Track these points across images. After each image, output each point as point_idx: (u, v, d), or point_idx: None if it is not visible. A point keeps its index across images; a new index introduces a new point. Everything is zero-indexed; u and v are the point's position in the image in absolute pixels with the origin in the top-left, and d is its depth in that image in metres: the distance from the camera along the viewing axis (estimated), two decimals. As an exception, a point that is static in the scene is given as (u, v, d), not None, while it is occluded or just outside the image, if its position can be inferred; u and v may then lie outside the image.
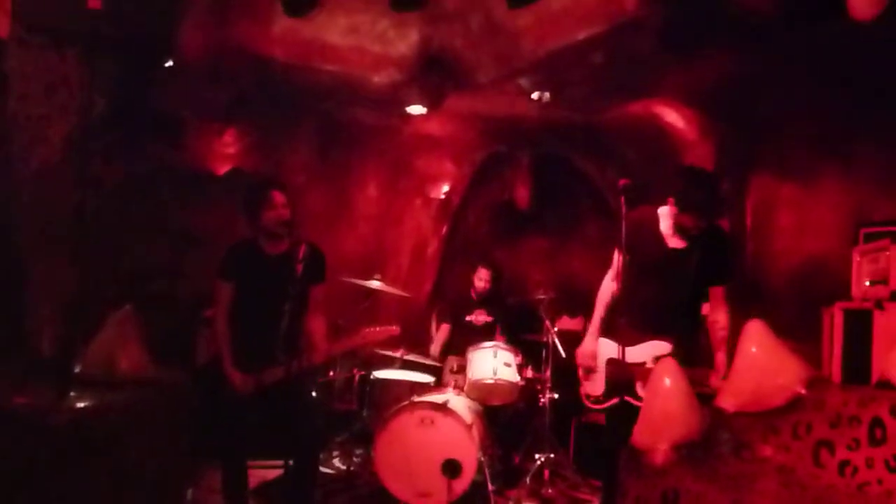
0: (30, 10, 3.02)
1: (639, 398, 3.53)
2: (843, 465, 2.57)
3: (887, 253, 4.07)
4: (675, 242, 3.81)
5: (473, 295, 6.36)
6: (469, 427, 4.60)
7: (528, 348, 5.76)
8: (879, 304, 3.93)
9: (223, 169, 5.99)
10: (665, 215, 3.84)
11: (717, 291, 3.84)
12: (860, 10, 2.79)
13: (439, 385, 5.61)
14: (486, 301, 6.33)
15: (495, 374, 5.26)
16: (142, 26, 3.30)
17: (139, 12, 3.22)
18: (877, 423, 2.49)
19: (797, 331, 4.98)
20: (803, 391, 2.80)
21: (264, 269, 3.98)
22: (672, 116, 5.70)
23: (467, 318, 6.30)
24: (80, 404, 3.07)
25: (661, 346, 3.72)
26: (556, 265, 7.17)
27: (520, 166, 7.12)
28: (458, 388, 5.35)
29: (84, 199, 3.53)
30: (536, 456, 5.34)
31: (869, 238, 4.46)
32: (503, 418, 5.64)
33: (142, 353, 3.57)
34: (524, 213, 7.27)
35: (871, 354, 3.56)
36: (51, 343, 3.46)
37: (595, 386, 4.01)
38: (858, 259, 4.41)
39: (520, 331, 6.22)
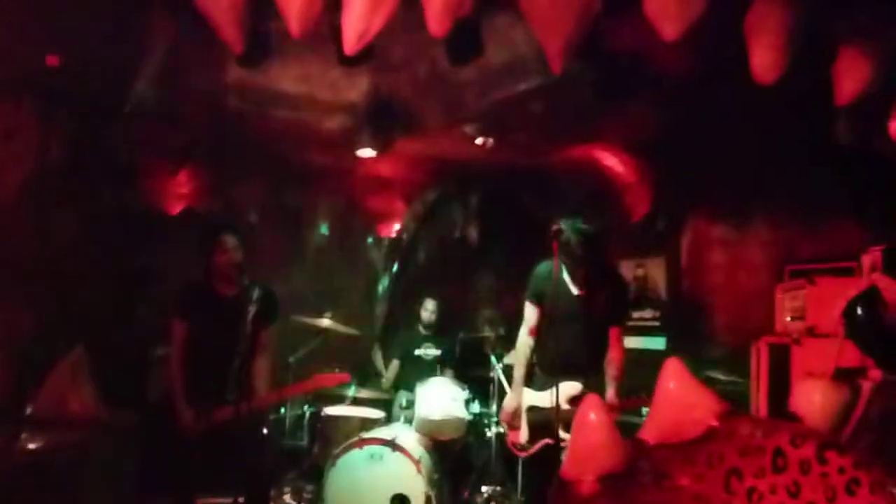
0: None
1: (559, 440, 3.74)
2: (751, 491, 2.78)
3: (805, 291, 4.40)
4: (576, 289, 4.09)
5: (422, 329, 6.53)
6: (417, 462, 4.70)
7: (476, 383, 5.92)
8: (797, 340, 4.24)
9: (176, 209, 6.11)
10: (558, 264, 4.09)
11: (613, 332, 4.13)
12: (761, 75, 3.08)
13: (389, 420, 5.73)
14: (436, 335, 6.50)
15: (443, 409, 5.39)
16: (97, 78, 3.43)
17: (95, 66, 3.35)
18: (778, 452, 2.71)
19: (729, 364, 5.29)
20: (716, 423, 3.02)
21: (217, 310, 4.10)
22: (611, 161, 6.01)
23: (416, 353, 6.46)
24: (32, 445, 3.14)
25: (573, 387, 3.98)
26: (505, 302, 7.36)
27: (469, 206, 7.34)
28: (408, 422, 5.48)
29: (38, 243, 3.62)
30: (484, 489, 5.47)
31: (794, 275, 4.79)
32: (452, 452, 5.75)
33: (92, 395, 3.65)
34: (473, 252, 7.48)
35: (789, 387, 3.84)
36: (3, 385, 3.52)
37: (518, 435, 4.26)
38: (780, 296, 4.74)
39: (468, 366, 6.39)
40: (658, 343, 6.16)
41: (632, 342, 6.28)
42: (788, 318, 4.59)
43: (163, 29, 3.60)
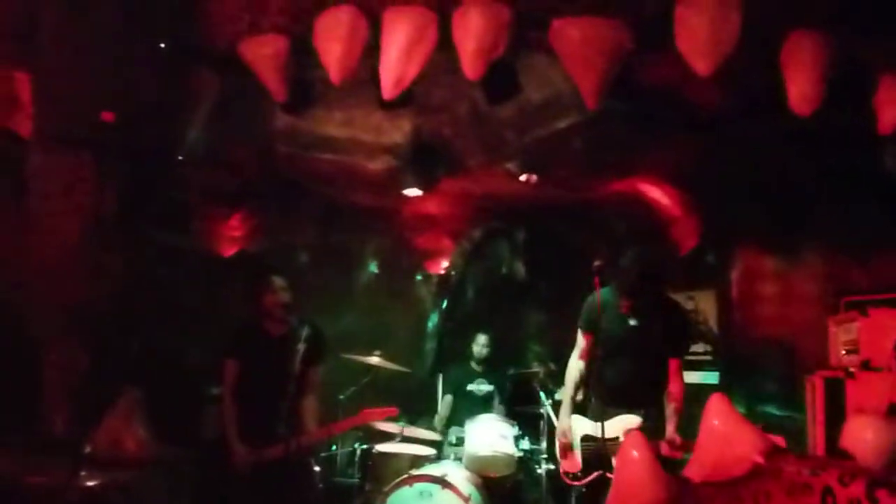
0: (49, 118, 3.38)
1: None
2: (800, 530, 2.73)
3: (857, 324, 4.29)
4: (633, 320, 4.05)
5: (474, 364, 6.55)
6: (467, 499, 4.70)
7: (526, 419, 5.90)
8: (850, 374, 4.13)
9: (230, 251, 6.30)
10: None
11: (672, 364, 4.09)
12: (799, 107, 3.06)
13: (440, 457, 5.74)
14: (487, 371, 6.52)
15: (493, 446, 5.38)
16: (150, 129, 3.61)
17: (148, 118, 3.54)
18: (828, 491, 2.65)
19: (784, 399, 5.17)
20: (762, 461, 2.96)
21: (267, 349, 4.23)
22: (656, 193, 5.98)
23: (469, 388, 6.47)
24: (90, 483, 3.27)
25: (631, 420, 3.95)
26: (554, 337, 7.34)
27: (515, 242, 7.38)
28: (458, 459, 5.48)
29: (94, 288, 3.79)
30: (534, 527, 5.42)
31: (847, 307, 4.68)
32: (502, 489, 5.72)
33: (147, 435, 3.79)
34: (521, 287, 7.50)
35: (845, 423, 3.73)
36: (63, 424, 3.68)
37: (573, 463, 4.23)
38: (834, 329, 4.63)
39: (518, 401, 6.37)
40: (711, 378, 6.05)
41: (685, 377, 6.20)
42: (843, 352, 4.48)
43: (210, 80, 3.77)
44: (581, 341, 4.31)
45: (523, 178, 5.58)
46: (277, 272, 4.31)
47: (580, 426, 4.25)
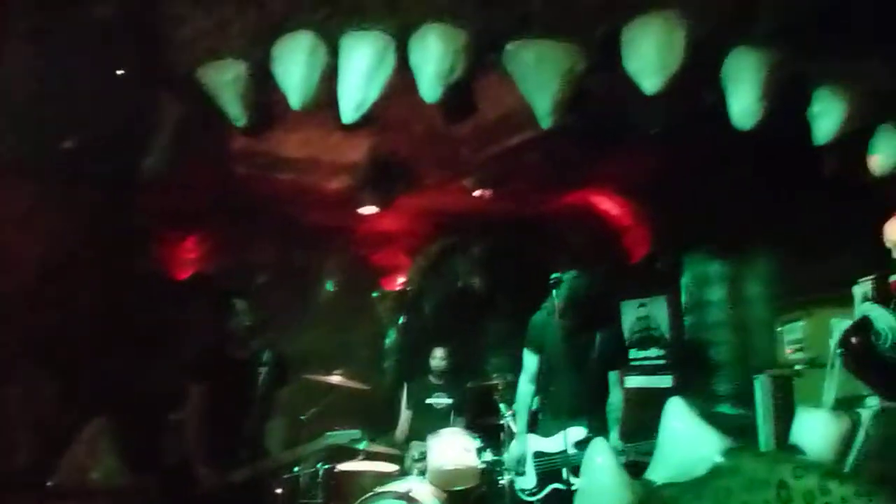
0: (9, 145, 3.35)
1: (567, 484, 3.80)
2: (759, 524, 2.86)
3: (803, 323, 4.50)
4: (573, 337, 4.25)
5: (433, 378, 6.58)
6: (433, 513, 4.76)
7: (487, 431, 5.96)
8: (797, 372, 4.33)
9: (185, 274, 6.26)
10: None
11: (612, 377, 4.29)
12: (740, 122, 3.23)
13: (403, 473, 5.76)
14: (446, 385, 6.55)
15: (455, 460, 5.43)
16: (112, 157, 3.60)
17: (110, 146, 3.53)
18: (782, 484, 2.79)
19: (736, 398, 5.36)
20: (721, 459, 3.10)
21: (230, 374, 4.23)
22: (608, 205, 6.16)
23: (428, 402, 6.51)
24: (55, 515, 3.23)
25: (578, 432, 4.10)
26: (512, 349, 7.43)
27: (471, 256, 7.48)
28: (421, 474, 5.52)
29: (58, 315, 3.75)
30: (499, 537, 5.48)
31: (792, 308, 4.89)
32: (466, 502, 5.77)
33: (114, 463, 3.75)
34: (478, 301, 7.59)
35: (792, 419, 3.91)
36: (26, 455, 3.62)
37: (526, 481, 4.39)
38: (780, 329, 4.83)
39: (478, 414, 6.43)
40: (664, 381, 6.23)
41: (638, 381, 6.38)
42: (789, 351, 4.68)
43: (169, 105, 3.77)
44: (530, 363, 4.48)
45: (478, 193, 5.70)
46: (238, 295, 4.28)
47: (532, 444, 4.42)
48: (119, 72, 3.30)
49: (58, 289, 3.67)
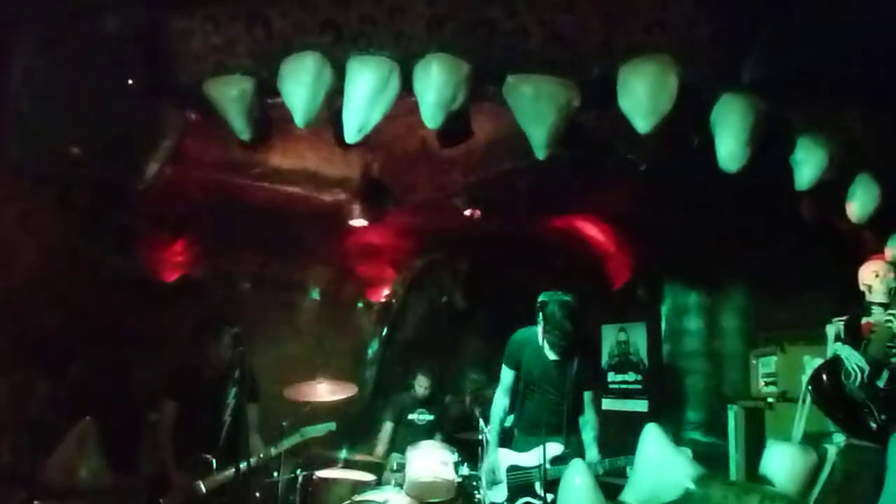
0: (16, 152, 3.41)
1: (540, 498, 3.91)
2: (726, 551, 2.98)
3: (776, 358, 4.65)
4: (552, 355, 4.33)
5: (415, 396, 6.66)
6: (408, 525, 4.82)
7: (465, 446, 6.05)
8: (768, 404, 4.47)
9: (172, 276, 6.29)
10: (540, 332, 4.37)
11: (587, 396, 4.40)
12: (727, 164, 3.37)
13: (380, 483, 5.82)
14: (428, 400, 6.63)
15: (433, 472, 5.50)
16: (114, 165, 3.66)
17: (113, 154, 3.59)
18: (750, 513, 2.92)
19: (708, 426, 5.49)
20: (693, 486, 3.21)
21: (204, 390, 4.36)
22: (593, 231, 6.30)
23: (409, 417, 6.58)
24: (41, 513, 3.27)
25: (554, 448, 4.19)
26: (493, 366, 7.52)
27: (456, 273, 7.58)
28: (399, 485, 5.59)
29: (49, 316, 3.80)
30: (472, 551, 5.55)
31: (767, 342, 5.05)
32: (441, 514, 5.84)
33: (100, 463, 3.80)
34: (460, 317, 7.69)
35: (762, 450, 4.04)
36: (15, 454, 3.66)
37: (498, 493, 4.47)
38: (754, 362, 4.98)
39: (458, 428, 6.51)
40: (640, 406, 6.36)
41: (615, 405, 6.52)
42: (762, 383, 4.83)
43: (173, 116, 3.84)
44: (506, 378, 4.56)
45: (467, 212, 5.80)
46: (228, 325, 4.32)
47: (505, 458, 4.51)
48: (124, 82, 3.35)
49: (50, 290, 3.71)
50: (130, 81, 3.37)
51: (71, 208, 3.70)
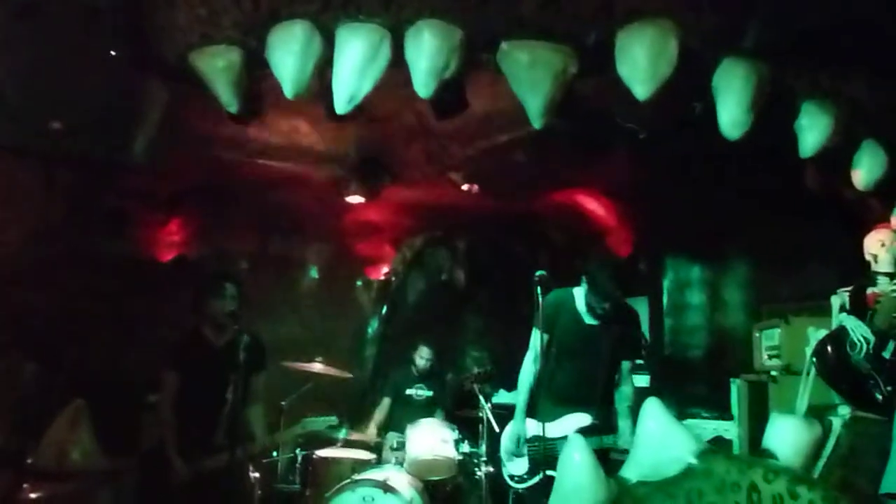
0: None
1: None
2: (729, 526, 2.93)
3: (779, 330, 4.57)
4: (590, 319, 4.16)
5: (414, 371, 6.63)
6: (409, 502, 4.80)
7: (465, 423, 6.02)
8: (772, 377, 4.40)
9: (167, 256, 6.24)
10: (580, 295, 4.21)
11: (625, 367, 4.24)
12: (728, 132, 3.27)
13: (380, 462, 5.81)
14: (427, 377, 6.60)
15: (433, 450, 5.48)
16: (99, 139, 3.58)
17: (97, 128, 3.50)
18: (753, 487, 2.85)
19: (712, 401, 5.44)
20: (694, 461, 3.16)
21: (208, 358, 4.21)
22: (593, 204, 6.21)
23: (408, 393, 6.55)
24: (33, 495, 3.23)
25: (582, 419, 4.05)
26: (493, 342, 7.51)
27: (456, 250, 7.52)
28: (399, 464, 5.57)
29: (38, 296, 3.74)
30: (476, 528, 5.55)
31: (770, 315, 4.98)
32: (442, 492, 5.83)
33: (92, 445, 3.75)
34: (460, 294, 7.64)
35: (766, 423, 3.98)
36: (5, 435, 3.62)
37: (518, 466, 4.31)
38: (758, 335, 4.91)
39: (458, 406, 6.49)
40: (642, 381, 6.29)
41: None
42: (766, 356, 4.76)
43: (158, 89, 3.75)
44: (537, 341, 4.19)
45: (466, 187, 5.73)
46: (230, 279, 4.26)
47: (530, 428, 4.28)
48: (107, 54, 3.26)
49: (38, 269, 3.64)
50: (113, 53, 3.26)
51: (58, 186, 3.60)
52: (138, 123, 3.81)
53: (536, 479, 4.12)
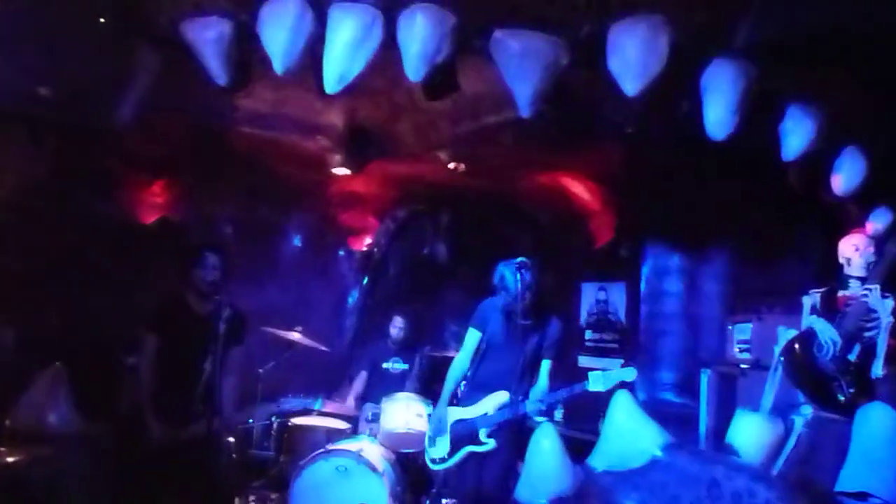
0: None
1: (482, 443, 3.96)
2: (687, 518, 3.02)
3: (752, 325, 4.66)
4: (523, 321, 4.26)
5: (390, 343, 6.68)
6: (381, 475, 4.87)
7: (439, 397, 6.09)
8: (743, 372, 4.50)
9: (151, 218, 6.22)
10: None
11: (544, 365, 4.35)
12: (714, 132, 3.31)
13: (355, 433, 5.88)
14: (403, 350, 6.65)
15: (407, 424, 5.56)
16: (86, 105, 3.55)
17: (85, 94, 3.47)
18: (714, 483, 2.95)
19: (682, 388, 5.55)
20: (660, 454, 3.24)
21: (189, 326, 4.22)
22: (577, 188, 6.24)
23: (384, 366, 6.61)
24: (10, 459, 3.25)
25: (501, 396, 4.22)
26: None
27: (439, 225, 7.54)
28: (373, 436, 5.65)
29: (20, 259, 3.73)
30: (444, 501, 5.64)
31: (744, 309, 5.06)
32: (414, 465, 5.92)
33: (69, 409, 3.76)
34: (441, 269, 7.67)
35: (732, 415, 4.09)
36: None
37: (439, 449, 4.51)
38: (730, 328, 5.00)
39: (434, 381, 6.55)
40: (615, 364, 6.40)
41: (591, 362, 6.56)
42: (737, 350, 4.86)
43: (148, 57, 3.71)
44: (470, 340, 4.53)
45: (452, 165, 5.74)
46: (213, 248, 4.26)
47: (453, 414, 4.53)
48: (100, 20, 3.22)
49: (18, 232, 3.62)
50: (102, 20, 3.22)
51: (42, 148, 3.57)
52: (127, 90, 3.77)
53: (457, 457, 4.36)
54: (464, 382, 4.63)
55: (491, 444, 3.97)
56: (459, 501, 5.58)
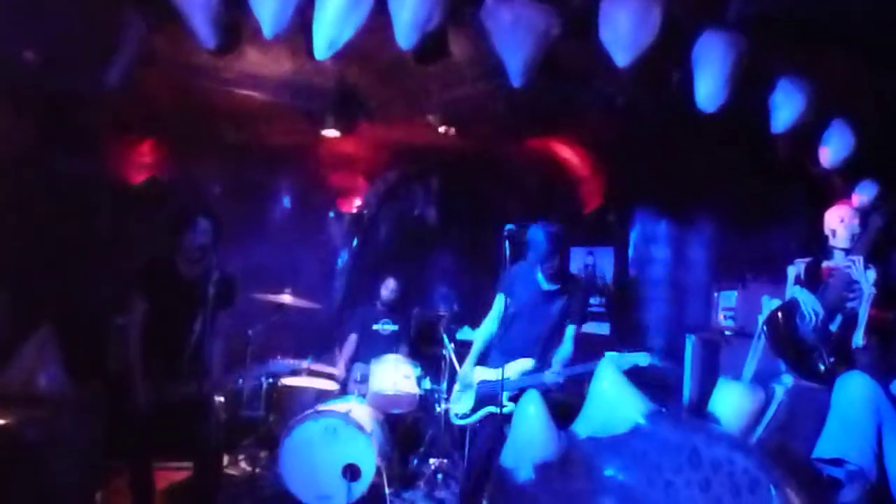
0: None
1: (503, 406, 4.03)
2: (668, 484, 3.10)
3: (737, 293, 4.72)
4: (546, 286, 4.40)
5: (380, 305, 6.72)
6: (370, 435, 4.95)
7: (428, 360, 6.18)
8: (726, 339, 4.57)
9: (139, 178, 6.18)
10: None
11: (569, 330, 4.46)
12: (705, 103, 3.32)
13: (344, 393, 5.96)
14: (393, 311, 6.69)
15: (396, 385, 5.64)
16: (72, 68, 3.50)
17: (66, 55, 3.42)
18: (694, 451, 3.02)
19: (667, 353, 5.62)
20: (643, 421, 3.32)
21: (178, 289, 4.22)
22: (567, 153, 6.24)
23: (374, 327, 6.66)
24: (4, 421, 3.27)
25: (525, 363, 4.33)
26: (461, 280, 7.61)
27: (429, 188, 7.54)
28: (362, 396, 5.73)
29: (8, 222, 3.71)
30: (431, 461, 5.77)
31: (729, 276, 5.12)
32: (402, 426, 6.02)
33: (59, 372, 3.77)
34: (431, 231, 7.69)
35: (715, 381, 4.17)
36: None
37: (462, 405, 4.63)
38: (716, 295, 5.06)
39: (422, 343, 6.63)
40: (602, 329, 6.49)
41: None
42: (721, 317, 4.93)
43: (134, 19, 3.65)
44: (497, 303, 4.60)
45: (442, 129, 5.71)
46: (204, 212, 4.24)
47: (479, 374, 4.61)
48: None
49: (5, 195, 3.59)
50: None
51: (27, 112, 3.53)
52: (114, 54, 3.71)
53: (479, 416, 4.49)
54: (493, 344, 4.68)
55: (511, 407, 4.05)
56: (448, 461, 5.73)
